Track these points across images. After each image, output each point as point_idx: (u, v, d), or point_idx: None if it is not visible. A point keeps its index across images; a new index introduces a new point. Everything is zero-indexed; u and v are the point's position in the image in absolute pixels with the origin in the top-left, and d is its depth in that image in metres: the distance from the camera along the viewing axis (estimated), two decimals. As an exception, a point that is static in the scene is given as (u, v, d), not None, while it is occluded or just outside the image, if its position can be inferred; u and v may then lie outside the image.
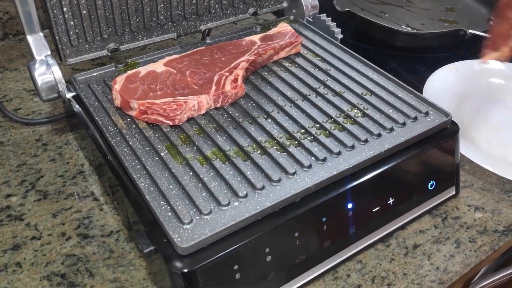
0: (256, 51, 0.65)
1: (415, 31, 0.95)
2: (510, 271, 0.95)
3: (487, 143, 0.71)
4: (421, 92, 0.74)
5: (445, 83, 0.78)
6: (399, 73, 0.86)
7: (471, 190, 0.65)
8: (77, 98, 0.62)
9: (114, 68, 0.66)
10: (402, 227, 0.59)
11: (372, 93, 0.62)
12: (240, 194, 0.48)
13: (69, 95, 0.62)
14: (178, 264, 0.43)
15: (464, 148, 0.67)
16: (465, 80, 0.80)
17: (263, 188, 0.49)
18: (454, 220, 0.61)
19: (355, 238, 0.55)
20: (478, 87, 0.80)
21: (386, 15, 1.01)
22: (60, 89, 0.62)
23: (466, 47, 0.93)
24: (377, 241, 0.57)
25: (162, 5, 0.67)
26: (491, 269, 0.97)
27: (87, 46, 0.65)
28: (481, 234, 0.59)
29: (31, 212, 0.59)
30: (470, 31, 0.88)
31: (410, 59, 0.91)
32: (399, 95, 0.62)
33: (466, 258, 0.57)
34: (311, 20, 0.79)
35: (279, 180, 0.50)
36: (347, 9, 0.92)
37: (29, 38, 0.61)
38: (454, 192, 0.63)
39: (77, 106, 0.61)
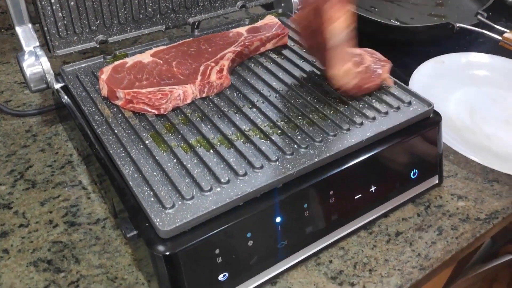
0: (242, 43, 0.66)
1: (405, 25, 0.95)
2: (498, 262, 0.96)
3: (473, 134, 0.71)
4: (407, 84, 0.75)
5: (432, 76, 0.79)
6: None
7: (455, 180, 0.66)
8: (65, 89, 0.63)
9: (102, 59, 0.67)
10: (385, 215, 0.60)
11: (357, 83, 0.63)
12: (222, 180, 0.49)
13: (57, 86, 0.63)
14: (159, 247, 0.44)
15: (449, 139, 0.68)
16: (452, 72, 0.81)
17: (245, 174, 0.50)
18: (437, 209, 0.62)
19: (338, 225, 0.55)
20: (465, 80, 0.80)
21: (376, 9, 1.02)
22: (49, 80, 0.63)
23: (454, 41, 0.94)
24: (360, 228, 0.58)
25: (150, -3, 0.68)
26: (480, 259, 0.99)
27: (75, 37, 0.66)
28: (463, 222, 0.60)
29: (19, 201, 0.60)
30: (458, 24, 0.89)
31: (399, 52, 0.91)
32: (383, 86, 0.63)
33: (448, 245, 0.57)
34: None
35: (261, 167, 0.51)
36: (336, 3, 0.92)
37: (18, 30, 0.62)
38: (437, 181, 0.63)
39: (65, 96, 0.62)
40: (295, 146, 0.54)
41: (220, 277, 0.48)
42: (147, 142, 0.53)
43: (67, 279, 0.52)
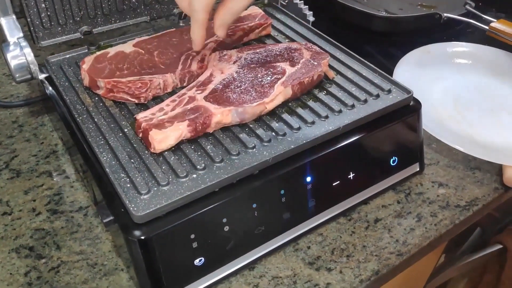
0: (224, 32, 0.66)
1: (391, 15, 0.95)
2: (488, 252, 0.96)
3: (456, 122, 0.72)
4: (392, 74, 0.76)
5: (417, 65, 0.79)
6: (373, 56, 0.88)
7: (437, 167, 0.66)
8: (49, 79, 0.64)
9: (87, 50, 0.67)
10: (365, 202, 0.61)
11: (338, 72, 0.64)
12: (198, 167, 0.49)
13: (41, 76, 0.64)
14: (134, 232, 0.45)
15: (432, 127, 0.68)
16: (438, 62, 0.81)
17: (221, 161, 0.50)
18: (417, 196, 0.62)
19: (316, 212, 0.56)
20: (450, 69, 0.81)
21: (365, 0, 1.02)
22: (33, 71, 0.63)
23: (443, 31, 0.94)
24: (339, 214, 0.58)
25: (133, -12, 0.68)
26: (468, 249, 0.99)
27: (59, 28, 0.66)
28: (443, 209, 0.61)
29: (4, 190, 0.61)
30: (445, 14, 0.89)
31: (386, 43, 0.92)
32: (364, 74, 0.63)
33: (426, 232, 0.58)
34: (285, 4, 0.80)
35: (238, 154, 0.51)
36: (324, -6, 0.93)
37: (2, 21, 0.63)
38: (418, 169, 0.64)
39: (50, 87, 0.63)
40: (273, 133, 0.54)
41: (196, 262, 0.49)
42: (126, 130, 0.54)
43: (47, 265, 0.53)
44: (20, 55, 0.62)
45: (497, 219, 0.99)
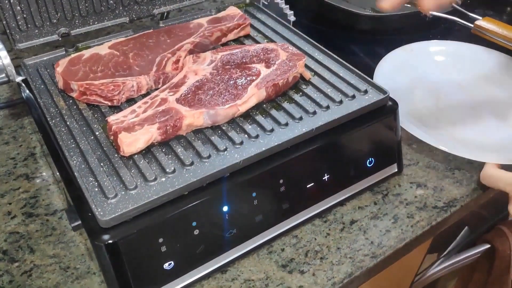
0: (202, 33, 0.66)
1: (375, 13, 0.95)
2: (476, 251, 0.96)
3: (437, 121, 0.71)
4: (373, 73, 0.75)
5: (399, 64, 0.78)
6: (358, 55, 0.87)
7: (416, 168, 0.66)
8: (26, 82, 0.64)
9: (64, 52, 0.67)
10: (341, 204, 0.60)
11: (315, 72, 0.63)
12: (167, 170, 0.49)
13: (18, 79, 0.64)
14: (99, 236, 0.45)
15: (412, 127, 0.67)
16: (420, 60, 0.80)
17: (191, 164, 0.50)
18: (395, 197, 0.62)
19: (290, 214, 0.56)
20: (433, 67, 0.80)
21: (352, -1, 1.01)
22: (10, 73, 0.63)
23: (428, 29, 0.93)
24: (314, 216, 0.58)
25: (110, -11, 0.68)
26: (456, 248, 0.99)
27: (36, 31, 0.66)
28: (420, 210, 0.60)
29: (-20, 193, 0.61)
30: (431, 12, 0.88)
31: (371, 41, 0.91)
32: (341, 75, 0.62)
33: (402, 233, 0.58)
34: (266, 3, 0.80)
35: (209, 157, 0.51)
36: (309, -8, 0.92)
37: (-22, 24, 0.63)
38: (396, 170, 0.63)
39: (26, 90, 0.63)
40: (245, 136, 0.54)
41: (166, 266, 0.48)
42: (97, 133, 0.54)
43: (20, 268, 0.53)
44: (-4, 58, 0.62)
45: (485, 218, 0.98)
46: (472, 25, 0.85)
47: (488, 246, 0.95)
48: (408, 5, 0.99)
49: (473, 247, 0.97)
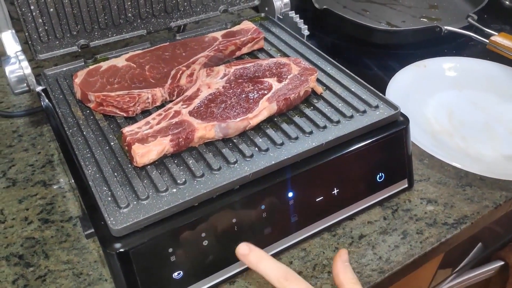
0: (216, 47, 0.67)
1: (390, 28, 0.95)
2: (490, 268, 0.95)
3: (449, 136, 0.71)
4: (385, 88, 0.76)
5: (412, 80, 0.79)
6: (370, 69, 0.87)
7: (427, 184, 0.66)
8: (45, 91, 0.66)
9: (83, 63, 0.69)
10: (351, 218, 0.61)
11: (326, 87, 0.64)
12: (179, 181, 0.50)
13: (38, 89, 0.66)
14: (111, 245, 0.46)
15: (424, 142, 0.68)
16: (434, 76, 0.80)
17: (202, 175, 0.51)
18: (405, 213, 0.62)
19: (298, 227, 0.56)
20: (446, 83, 0.80)
21: (368, 12, 1.02)
22: (30, 83, 0.65)
23: (443, 44, 0.93)
24: (323, 230, 0.58)
25: (129, 3, 0.70)
26: (470, 264, 0.97)
27: (57, 42, 0.68)
28: (429, 226, 0.60)
29: (-1, 198, 0.63)
30: (446, 27, 0.88)
31: (385, 55, 0.91)
32: (352, 89, 0.63)
33: (411, 249, 0.58)
34: (281, 17, 0.81)
35: (219, 169, 0.52)
36: (325, 6, 0.93)
37: (2, 35, 0.65)
38: (406, 185, 0.64)
39: (46, 99, 0.65)
40: (256, 149, 0.55)
41: (175, 275, 0.49)
42: (112, 143, 0.55)
43: (35, 273, 0.55)
44: (18, 68, 0.64)
45: (499, 234, 0.97)
46: (487, 41, 0.85)
47: (502, 263, 0.94)
48: (423, 19, 1.00)
49: (486, 263, 0.96)
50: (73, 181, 0.55)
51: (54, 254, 0.56)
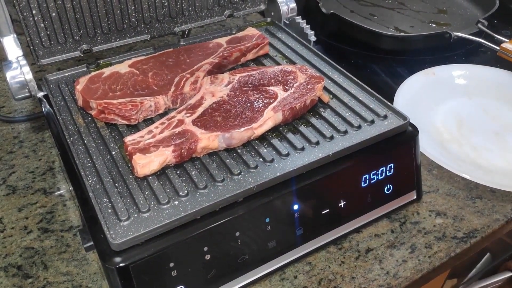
0: (221, 54, 0.66)
1: (398, 34, 0.93)
2: (498, 279, 0.93)
3: (459, 145, 0.69)
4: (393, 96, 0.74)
5: (421, 87, 0.77)
6: (378, 75, 0.86)
7: (436, 195, 0.64)
8: (47, 97, 0.64)
9: (85, 68, 0.68)
10: (358, 231, 0.59)
11: (333, 95, 0.62)
12: (181, 193, 0.49)
13: (39, 95, 0.65)
14: (111, 259, 0.45)
15: (433, 153, 0.66)
16: (443, 84, 0.79)
17: (205, 187, 0.50)
18: (413, 225, 0.60)
19: (304, 240, 0.55)
20: (455, 91, 0.78)
21: (376, 17, 1.00)
22: (31, 89, 0.64)
23: (453, 50, 0.91)
24: (329, 243, 0.57)
25: (132, 8, 0.69)
26: (478, 275, 0.96)
27: (59, 47, 0.67)
28: (438, 240, 0.59)
29: (-1, 206, 0.62)
30: (455, 33, 0.86)
31: (394, 61, 0.90)
32: (360, 98, 0.62)
33: (419, 264, 0.56)
34: (287, 23, 0.80)
35: (222, 180, 0.51)
36: (332, 11, 0.91)
37: (2, 40, 0.64)
38: (415, 197, 0.62)
39: (47, 105, 0.64)
40: (260, 159, 0.53)
41: (176, 290, 0.48)
42: (113, 152, 0.54)
43: (33, 285, 0.53)
44: (19, 74, 0.63)
45: (508, 245, 0.95)
46: (498, 48, 0.83)
47: (510, 274, 0.92)
48: (432, 24, 0.98)
49: (494, 274, 0.94)
50: (72, 191, 0.54)
51: (53, 265, 0.55)
